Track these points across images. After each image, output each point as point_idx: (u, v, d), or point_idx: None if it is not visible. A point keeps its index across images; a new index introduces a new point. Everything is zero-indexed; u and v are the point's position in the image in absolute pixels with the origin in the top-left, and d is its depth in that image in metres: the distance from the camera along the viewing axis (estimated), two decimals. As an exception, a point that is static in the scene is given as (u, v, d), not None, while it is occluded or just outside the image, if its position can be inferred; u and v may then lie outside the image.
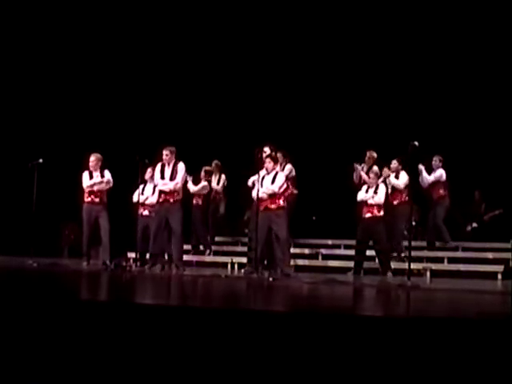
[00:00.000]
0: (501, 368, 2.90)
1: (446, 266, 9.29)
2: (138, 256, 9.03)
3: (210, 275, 7.94)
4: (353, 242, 10.04)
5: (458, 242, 9.90)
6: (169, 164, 8.68)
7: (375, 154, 9.77)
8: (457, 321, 3.44)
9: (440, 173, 9.57)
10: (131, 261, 9.35)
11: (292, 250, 9.59)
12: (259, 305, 4.77)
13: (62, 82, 12.02)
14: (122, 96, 11.93)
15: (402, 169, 9.50)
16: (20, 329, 3.56)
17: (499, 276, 8.62)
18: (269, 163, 8.16)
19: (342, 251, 10.21)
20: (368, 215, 8.83)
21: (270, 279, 7.28)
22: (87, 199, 9.27)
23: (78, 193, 9.47)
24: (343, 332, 3.20)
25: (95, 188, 9.25)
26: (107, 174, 9.34)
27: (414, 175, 9.07)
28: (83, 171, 9.34)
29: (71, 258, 10.72)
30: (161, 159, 8.77)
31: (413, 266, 7.49)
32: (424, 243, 9.72)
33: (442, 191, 9.57)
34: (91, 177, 9.27)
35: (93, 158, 9.31)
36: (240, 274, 8.84)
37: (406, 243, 8.80)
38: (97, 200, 9.25)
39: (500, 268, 8.74)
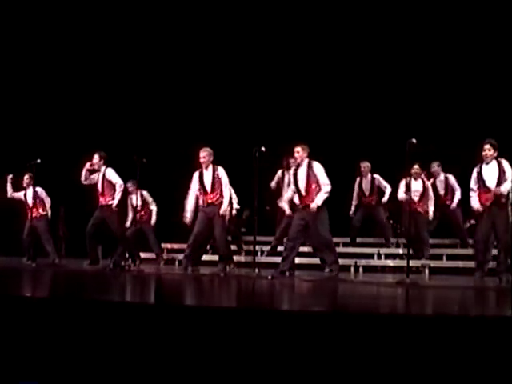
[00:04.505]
0: (500, 366, 2.91)
1: (444, 263, 9.29)
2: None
3: (209, 274, 7.94)
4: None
5: (457, 239, 9.92)
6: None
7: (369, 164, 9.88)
8: (455, 318, 3.44)
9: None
10: (130, 260, 9.34)
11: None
12: (260, 303, 4.77)
13: (59, 82, 11.99)
14: (119, 96, 11.91)
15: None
16: (20, 328, 3.56)
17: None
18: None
19: (340, 249, 10.18)
20: None
21: (269, 277, 7.28)
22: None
23: (76, 193, 9.43)
24: (341, 330, 3.20)
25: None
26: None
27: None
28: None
29: (68, 258, 10.70)
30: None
31: (411, 263, 7.50)
32: None
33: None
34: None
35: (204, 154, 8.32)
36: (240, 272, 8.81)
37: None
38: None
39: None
